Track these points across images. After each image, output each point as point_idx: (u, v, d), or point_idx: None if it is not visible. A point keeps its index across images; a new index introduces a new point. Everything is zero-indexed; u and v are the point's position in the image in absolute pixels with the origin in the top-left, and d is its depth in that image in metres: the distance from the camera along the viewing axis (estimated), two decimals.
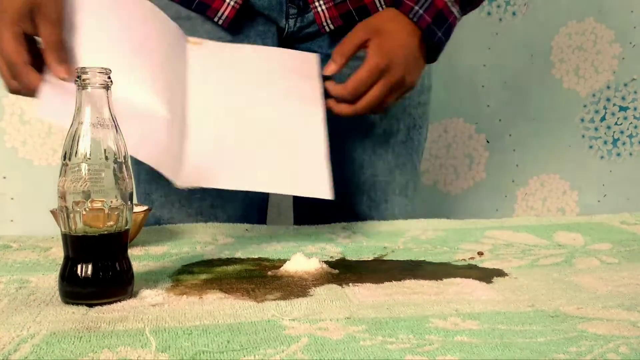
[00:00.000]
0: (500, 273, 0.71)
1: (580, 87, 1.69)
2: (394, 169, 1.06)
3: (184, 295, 0.63)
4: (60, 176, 0.61)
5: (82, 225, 0.60)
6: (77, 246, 0.61)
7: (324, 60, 1.01)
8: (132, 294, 0.63)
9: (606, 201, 1.75)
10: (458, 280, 0.68)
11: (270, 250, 0.81)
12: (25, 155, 1.44)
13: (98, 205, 0.60)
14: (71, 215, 0.60)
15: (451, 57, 1.62)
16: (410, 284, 0.67)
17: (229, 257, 0.78)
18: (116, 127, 0.62)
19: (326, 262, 0.75)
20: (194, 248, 0.82)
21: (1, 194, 1.45)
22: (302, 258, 0.72)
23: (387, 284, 0.67)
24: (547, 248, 0.82)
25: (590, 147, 1.72)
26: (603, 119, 1.71)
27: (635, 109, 1.73)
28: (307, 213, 1.09)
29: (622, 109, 1.72)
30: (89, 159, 0.60)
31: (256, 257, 0.78)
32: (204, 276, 0.70)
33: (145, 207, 0.85)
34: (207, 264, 0.75)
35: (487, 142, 1.68)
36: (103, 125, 0.61)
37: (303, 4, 0.96)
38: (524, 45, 1.65)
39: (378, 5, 0.98)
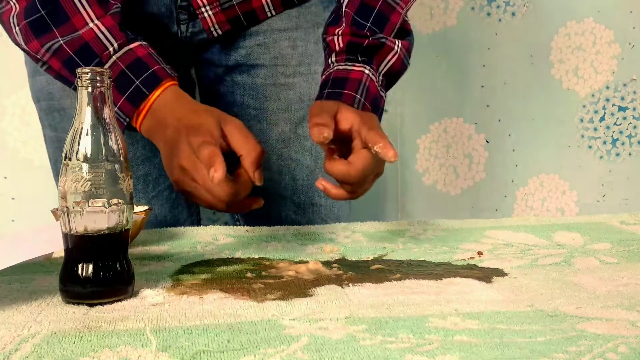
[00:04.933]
0: (499, 273, 0.71)
1: (579, 88, 1.69)
2: (315, 172, 1.04)
3: (184, 295, 0.63)
4: (60, 176, 0.61)
5: (82, 225, 0.60)
6: (78, 246, 0.61)
7: (212, 76, 1.02)
8: (133, 294, 0.63)
9: (605, 201, 1.75)
10: (458, 280, 0.68)
11: (270, 250, 0.81)
12: (26, 155, 1.44)
13: (99, 205, 0.60)
14: (72, 215, 0.60)
15: (451, 57, 1.63)
16: (410, 284, 0.67)
17: (229, 257, 0.78)
18: (117, 126, 0.62)
19: (326, 262, 0.75)
20: (194, 248, 0.82)
21: (2, 194, 1.45)
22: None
23: (387, 284, 0.67)
24: (546, 248, 0.82)
25: (590, 147, 1.72)
26: (602, 119, 1.71)
27: (634, 109, 1.73)
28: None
29: (621, 109, 1.72)
30: (90, 159, 0.60)
31: (256, 257, 0.78)
32: (204, 276, 0.70)
33: (145, 207, 0.85)
34: (207, 264, 0.75)
35: (487, 142, 1.68)
36: (104, 125, 0.61)
37: (193, 9, 0.96)
38: (523, 45, 1.65)
39: (267, 10, 0.98)
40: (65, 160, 0.61)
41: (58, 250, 0.66)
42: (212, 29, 0.96)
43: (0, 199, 1.45)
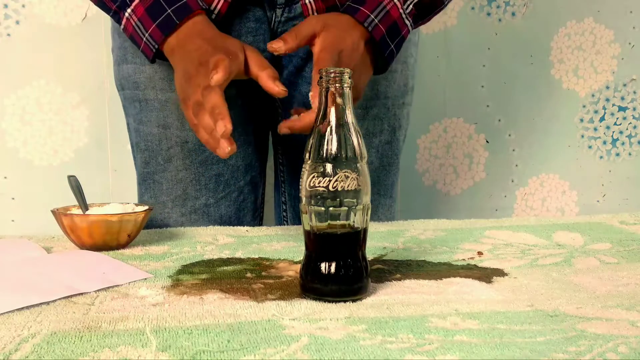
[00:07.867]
0: (499, 273, 0.71)
1: (579, 88, 1.69)
2: (379, 169, 1.06)
3: (185, 295, 0.63)
4: (302, 175, 0.61)
5: (322, 224, 0.62)
6: (317, 244, 0.63)
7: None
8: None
9: (605, 201, 1.75)
10: (458, 280, 0.68)
11: (270, 250, 0.81)
12: (26, 155, 1.44)
13: (338, 205, 0.61)
14: (311, 214, 0.62)
15: (451, 57, 1.62)
16: (410, 284, 0.67)
17: (229, 257, 0.78)
18: (357, 128, 0.62)
19: None
20: (194, 248, 0.82)
21: (2, 194, 1.45)
22: None
23: (387, 283, 0.67)
24: (546, 248, 0.82)
25: (590, 147, 1.72)
26: (602, 119, 1.71)
27: (634, 109, 1.73)
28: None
29: (621, 109, 1.72)
30: (332, 159, 0.60)
31: (256, 257, 0.78)
32: (204, 276, 0.70)
33: (145, 207, 0.85)
34: (207, 264, 0.75)
35: (487, 142, 1.68)
36: (346, 125, 0.61)
37: None
38: (523, 45, 1.65)
39: None
40: (308, 159, 0.61)
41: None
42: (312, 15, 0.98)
43: (0, 199, 1.45)
